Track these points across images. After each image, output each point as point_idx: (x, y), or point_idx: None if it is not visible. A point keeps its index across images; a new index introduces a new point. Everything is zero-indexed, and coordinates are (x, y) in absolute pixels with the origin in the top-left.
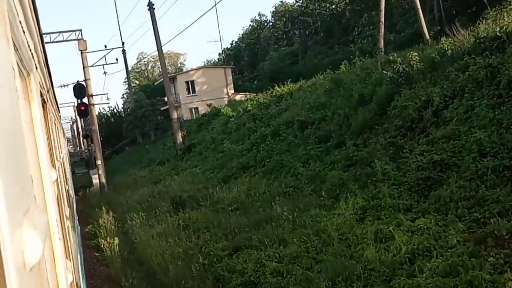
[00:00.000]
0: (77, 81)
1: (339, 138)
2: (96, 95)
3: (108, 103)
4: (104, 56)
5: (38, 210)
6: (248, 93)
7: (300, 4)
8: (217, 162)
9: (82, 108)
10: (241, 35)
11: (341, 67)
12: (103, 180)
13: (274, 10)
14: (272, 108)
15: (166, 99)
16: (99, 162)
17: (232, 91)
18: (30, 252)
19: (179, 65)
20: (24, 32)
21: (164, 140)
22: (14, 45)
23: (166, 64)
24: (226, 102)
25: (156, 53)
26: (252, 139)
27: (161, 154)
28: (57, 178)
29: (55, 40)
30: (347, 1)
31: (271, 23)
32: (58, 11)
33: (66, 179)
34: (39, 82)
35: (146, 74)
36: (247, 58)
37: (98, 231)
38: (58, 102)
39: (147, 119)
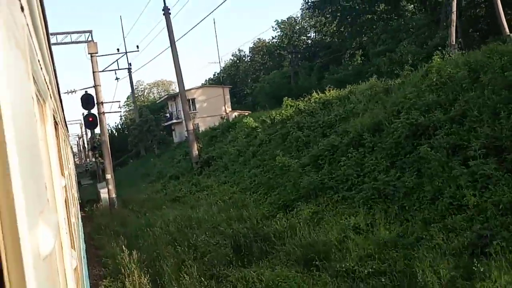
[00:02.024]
0: (85, 91)
1: None
2: (107, 102)
3: (120, 111)
4: (117, 60)
5: (50, 211)
6: (244, 111)
7: (276, 40)
8: (259, 180)
9: (90, 119)
10: (222, 68)
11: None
12: (113, 195)
13: (253, 46)
14: (320, 115)
15: (168, 115)
16: (108, 176)
17: (230, 109)
18: (44, 245)
19: (171, 91)
20: (41, 68)
21: (170, 154)
22: (33, 78)
23: (159, 90)
24: (224, 119)
25: (151, 80)
26: (316, 151)
27: (172, 168)
28: (65, 185)
29: (63, 42)
30: (335, 28)
31: (249, 57)
32: (67, 11)
33: (72, 185)
34: (53, 108)
35: (142, 99)
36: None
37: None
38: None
39: (151, 133)
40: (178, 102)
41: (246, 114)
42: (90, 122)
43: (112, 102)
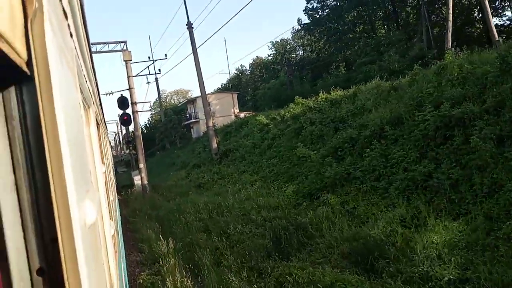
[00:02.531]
0: (121, 94)
1: None
2: (139, 102)
3: (151, 110)
4: (148, 66)
5: (94, 190)
6: (249, 112)
7: (271, 58)
8: (278, 169)
9: (125, 118)
10: (228, 79)
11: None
12: (145, 182)
13: (252, 61)
14: (330, 111)
15: (188, 115)
16: (141, 165)
17: (237, 110)
18: (89, 217)
19: (188, 97)
20: (86, 81)
21: (190, 147)
22: (81, 90)
23: (179, 97)
24: (234, 118)
25: (173, 89)
26: (334, 143)
27: (193, 158)
28: (105, 171)
29: (101, 50)
30: (322, 45)
31: (249, 71)
32: (104, 24)
33: (110, 171)
34: (95, 112)
35: (165, 104)
36: None
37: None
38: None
39: (175, 130)
40: (196, 105)
41: (251, 114)
42: (125, 120)
43: (144, 102)
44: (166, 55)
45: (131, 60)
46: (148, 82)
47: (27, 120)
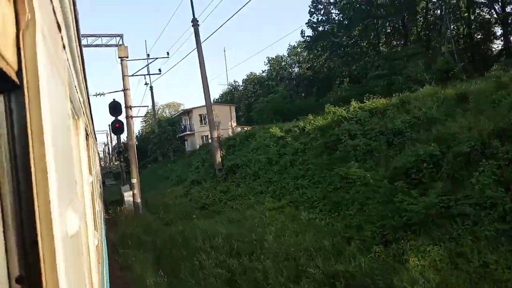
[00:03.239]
0: (113, 99)
1: None
2: (135, 106)
3: (148, 115)
4: (147, 65)
5: (78, 201)
6: (246, 126)
7: (266, 73)
8: (312, 193)
9: (117, 125)
10: (221, 94)
11: None
12: (138, 200)
13: (246, 77)
14: (373, 122)
15: (182, 127)
16: (134, 180)
17: (235, 124)
18: (71, 226)
19: (180, 110)
20: (77, 92)
21: (185, 161)
22: (71, 100)
23: (170, 110)
24: (230, 133)
25: (165, 102)
26: (403, 162)
27: (190, 173)
28: (92, 181)
29: (93, 44)
30: (323, 61)
31: (242, 86)
32: (100, 16)
33: (98, 182)
34: (85, 123)
35: (157, 116)
36: None
37: None
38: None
39: (169, 142)
40: (191, 117)
41: (249, 128)
42: (117, 128)
43: (141, 106)
44: (168, 53)
45: (127, 57)
46: (147, 84)
47: (14, 128)
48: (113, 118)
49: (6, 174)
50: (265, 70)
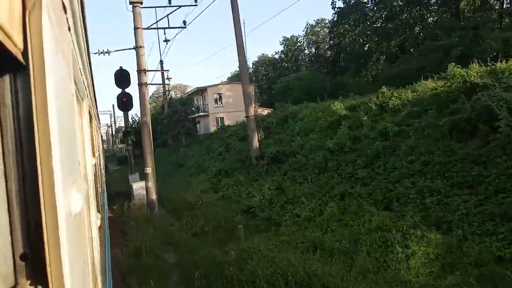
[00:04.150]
0: (120, 67)
1: None
2: (150, 71)
3: (169, 83)
4: (167, 15)
5: (81, 181)
6: (267, 109)
7: (279, 54)
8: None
9: (124, 99)
10: (230, 75)
11: None
12: (154, 196)
13: (257, 59)
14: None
15: (194, 108)
16: (149, 169)
17: (254, 105)
18: (74, 206)
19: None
20: (81, 74)
21: (201, 145)
22: (75, 82)
23: (176, 92)
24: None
25: (171, 83)
26: None
27: (213, 160)
28: (95, 163)
29: None
30: (355, 36)
31: (252, 69)
32: None
33: (100, 163)
34: (88, 105)
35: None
36: None
37: None
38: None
39: (181, 124)
40: (205, 96)
41: (268, 111)
42: (124, 102)
43: (158, 70)
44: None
45: (141, 3)
46: (167, 41)
47: (20, 108)
48: (119, 92)
49: (11, 155)
50: (278, 51)
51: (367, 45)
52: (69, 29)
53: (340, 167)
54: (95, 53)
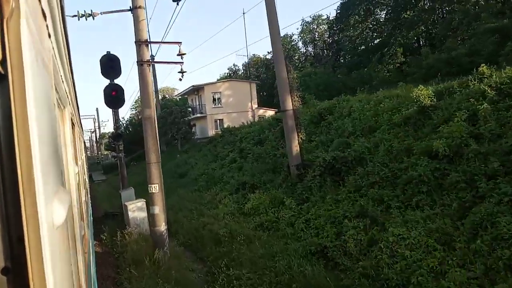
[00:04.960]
0: (107, 51)
1: None
2: (154, 42)
3: (182, 61)
4: None
5: (64, 192)
6: (269, 108)
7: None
8: None
9: (113, 93)
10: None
11: None
12: (163, 228)
13: (248, 61)
14: None
15: (190, 109)
16: (155, 188)
17: (256, 105)
18: (57, 217)
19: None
20: (63, 82)
21: (204, 150)
22: (56, 90)
23: (164, 96)
24: (250, 116)
25: (162, 86)
26: None
27: (228, 170)
28: (78, 171)
29: None
30: (364, 28)
31: (243, 71)
32: None
33: (84, 172)
34: (71, 113)
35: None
36: None
37: None
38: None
39: (176, 126)
40: (202, 95)
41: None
42: (113, 97)
43: (162, 42)
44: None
45: None
46: (176, 0)
47: None
48: (106, 84)
49: None
50: (270, 52)
51: (383, 36)
52: (49, 36)
53: (474, 182)
54: (74, 16)
